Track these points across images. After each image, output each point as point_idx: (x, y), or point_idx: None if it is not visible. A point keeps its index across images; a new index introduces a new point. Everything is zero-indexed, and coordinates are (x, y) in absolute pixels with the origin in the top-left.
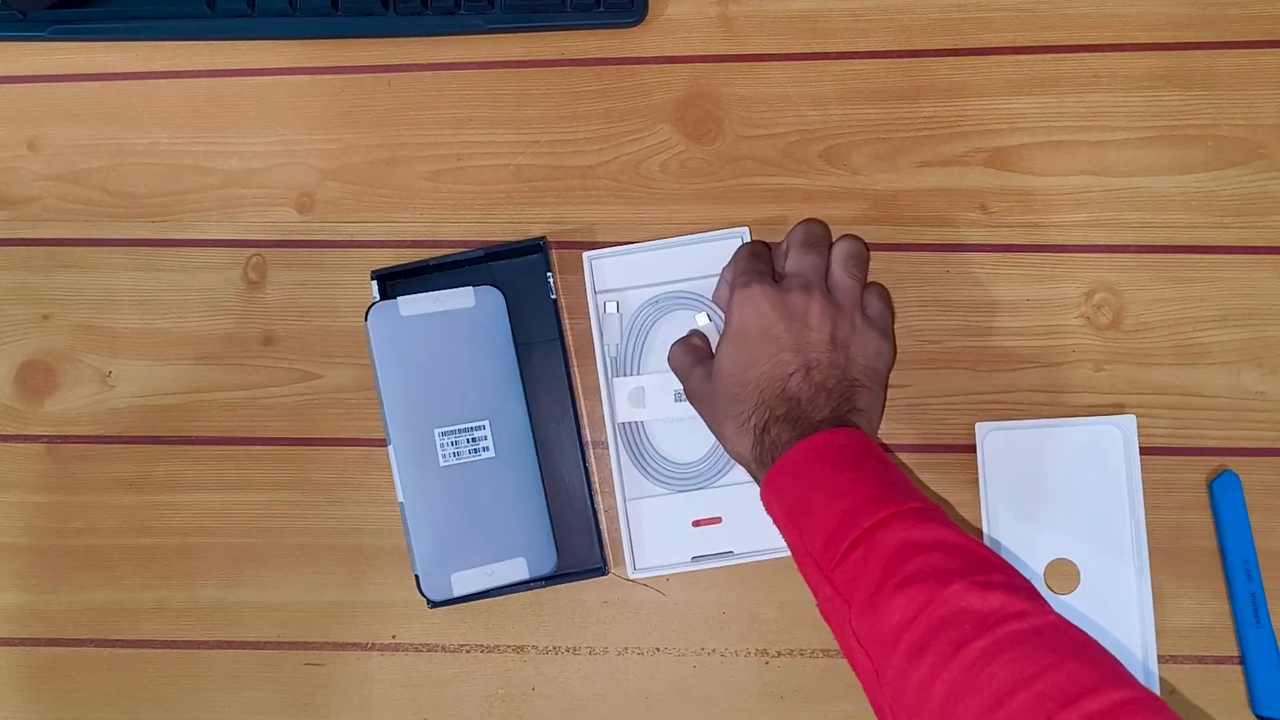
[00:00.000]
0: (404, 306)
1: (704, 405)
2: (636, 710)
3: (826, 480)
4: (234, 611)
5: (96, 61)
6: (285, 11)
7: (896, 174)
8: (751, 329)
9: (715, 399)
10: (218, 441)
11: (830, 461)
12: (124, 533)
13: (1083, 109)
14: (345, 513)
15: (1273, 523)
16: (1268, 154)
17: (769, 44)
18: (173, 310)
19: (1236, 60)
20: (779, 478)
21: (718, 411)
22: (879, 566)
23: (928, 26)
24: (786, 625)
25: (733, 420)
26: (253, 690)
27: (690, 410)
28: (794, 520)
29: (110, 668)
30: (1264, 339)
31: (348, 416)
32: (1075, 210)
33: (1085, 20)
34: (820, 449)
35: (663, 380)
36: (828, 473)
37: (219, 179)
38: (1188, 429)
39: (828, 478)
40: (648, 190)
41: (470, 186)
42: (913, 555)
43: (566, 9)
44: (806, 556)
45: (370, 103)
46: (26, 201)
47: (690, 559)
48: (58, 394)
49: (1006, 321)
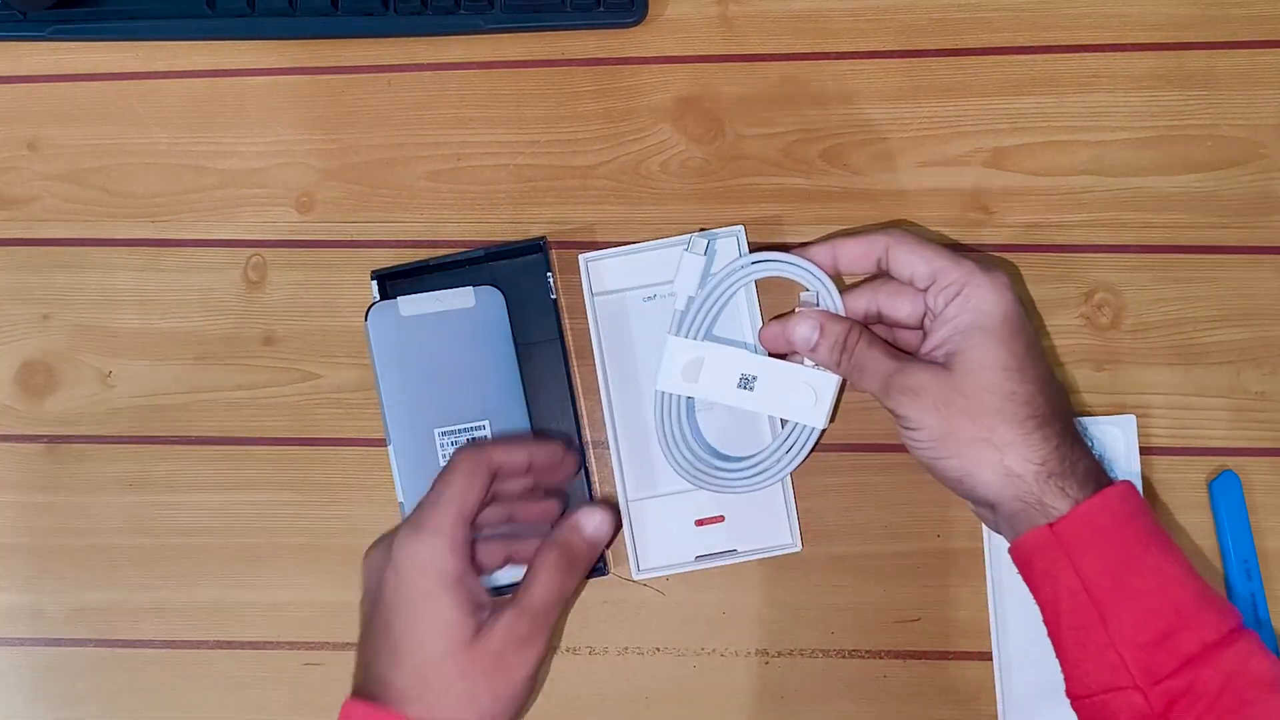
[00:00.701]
0: (404, 306)
1: (943, 406)
2: (637, 710)
3: (1154, 560)
4: (234, 611)
5: (96, 61)
6: (285, 11)
7: (896, 174)
8: (1022, 320)
9: (977, 394)
10: (218, 441)
11: (1154, 534)
12: (124, 533)
13: (1083, 109)
14: (345, 513)
15: (1273, 523)
16: (1268, 154)
17: (769, 44)
18: (173, 310)
19: (1237, 60)
20: (1087, 530)
21: (982, 409)
22: (1231, 700)
23: (928, 26)
24: (787, 625)
25: (1013, 424)
26: (252, 690)
27: (753, 403)
28: (1095, 593)
29: (110, 668)
30: (1264, 339)
31: (348, 416)
32: (1075, 210)
33: (1085, 20)
34: (1140, 509)
35: (730, 357)
36: (1155, 550)
37: (219, 179)
38: (1188, 429)
39: (1155, 556)
40: (648, 190)
41: (470, 186)
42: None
43: (566, 9)
44: (1099, 641)
45: (370, 103)
46: (26, 201)
47: (694, 558)
48: (58, 394)
49: None
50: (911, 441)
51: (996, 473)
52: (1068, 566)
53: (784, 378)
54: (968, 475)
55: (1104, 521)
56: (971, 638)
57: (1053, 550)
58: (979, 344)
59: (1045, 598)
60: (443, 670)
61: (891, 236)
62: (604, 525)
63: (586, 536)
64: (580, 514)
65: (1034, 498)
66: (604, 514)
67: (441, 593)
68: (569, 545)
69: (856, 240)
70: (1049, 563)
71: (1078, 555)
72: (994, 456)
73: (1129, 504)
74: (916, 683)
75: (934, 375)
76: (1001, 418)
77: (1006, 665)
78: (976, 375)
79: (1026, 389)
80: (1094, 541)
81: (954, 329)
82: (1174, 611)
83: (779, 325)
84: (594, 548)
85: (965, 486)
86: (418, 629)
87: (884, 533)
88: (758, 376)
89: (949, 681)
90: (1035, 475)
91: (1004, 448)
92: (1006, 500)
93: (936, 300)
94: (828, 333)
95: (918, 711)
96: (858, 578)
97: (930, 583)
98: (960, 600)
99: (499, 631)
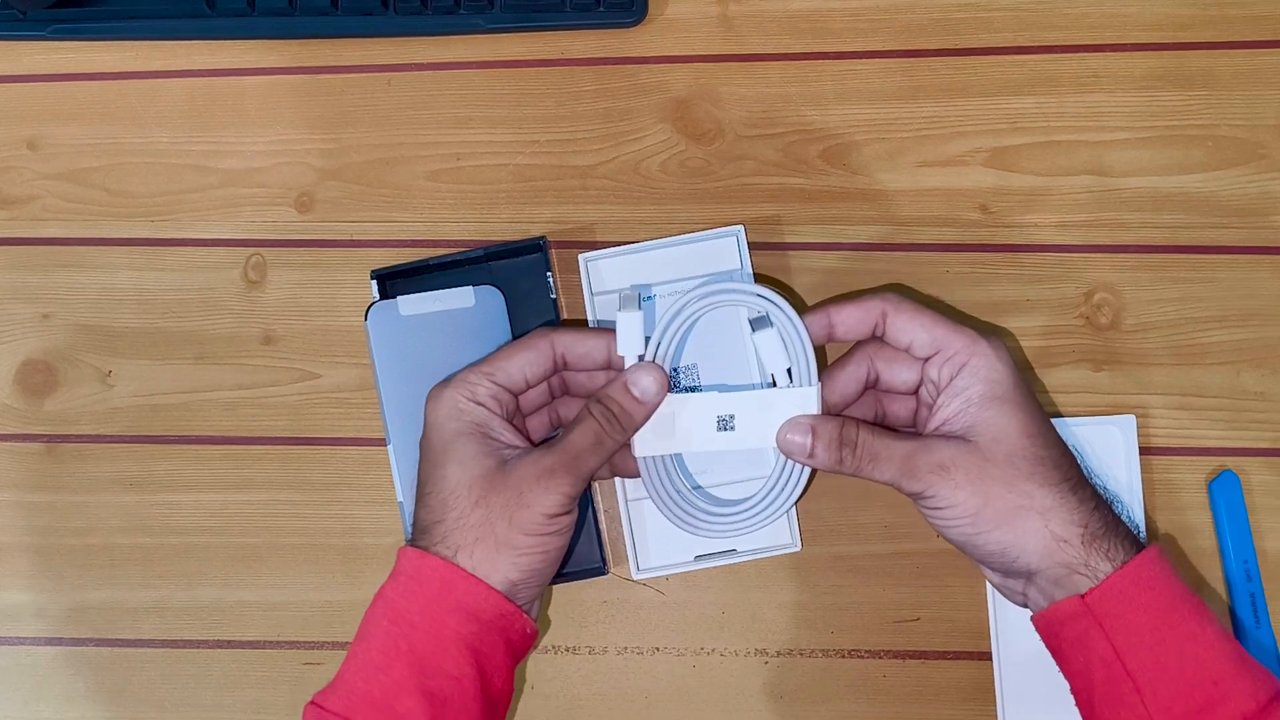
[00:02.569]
0: (404, 306)
1: (976, 479)
2: (636, 710)
3: (1188, 627)
4: (233, 611)
5: (96, 61)
6: (285, 11)
7: (896, 174)
8: (1029, 386)
9: (1008, 462)
10: (217, 441)
11: (1186, 599)
12: (123, 532)
13: (1083, 109)
14: (345, 512)
15: (1272, 523)
16: (1268, 154)
17: (769, 44)
18: (172, 309)
19: (1236, 60)
20: (1120, 599)
21: (1016, 476)
22: None
23: (928, 26)
24: (786, 625)
25: (1050, 489)
26: (252, 690)
27: (739, 442)
28: (1130, 664)
29: (109, 667)
30: (1264, 339)
31: (347, 416)
32: (1075, 210)
33: (1085, 20)
34: (1169, 574)
35: (700, 403)
36: (1189, 617)
37: (219, 178)
38: (1187, 429)
39: (1189, 623)
40: (647, 190)
41: (470, 186)
42: None
43: (566, 9)
44: (1137, 713)
45: (370, 102)
46: (26, 201)
47: (693, 558)
48: (57, 393)
49: (1006, 321)
50: (944, 521)
51: (1042, 540)
52: (1101, 637)
53: (763, 408)
54: (1012, 546)
55: (1136, 590)
56: (971, 638)
57: (1084, 621)
58: (998, 413)
59: (1076, 669)
60: (459, 499)
61: (888, 302)
62: (654, 387)
63: (636, 394)
64: (633, 371)
65: (1080, 562)
66: (657, 376)
67: (460, 437)
68: (615, 400)
69: (852, 307)
70: (1081, 633)
71: (1111, 626)
72: (1039, 524)
73: (1160, 570)
74: (916, 683)
75: (959, 449)
76: (1037, 482)
77: (1006, 665)
78: (1003, 444)
79: (1053, 453)
80: (1127, 611)
81: (967, 400)
82: (1212, 682)
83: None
84: (641, 409)
85: (1008, 559)
86: (441, 470)
87: (884, 533)
88: (735, 414)
89: (948, 681)
90: (1081, 538)
91: (1047, 513)
92: (1050, 568)
93: (940, 371)
94: (821, 434)
95: (917, 711)
96: (857, 578)
97: (930, 583)
98: (960, 600)
99: (521, 465)
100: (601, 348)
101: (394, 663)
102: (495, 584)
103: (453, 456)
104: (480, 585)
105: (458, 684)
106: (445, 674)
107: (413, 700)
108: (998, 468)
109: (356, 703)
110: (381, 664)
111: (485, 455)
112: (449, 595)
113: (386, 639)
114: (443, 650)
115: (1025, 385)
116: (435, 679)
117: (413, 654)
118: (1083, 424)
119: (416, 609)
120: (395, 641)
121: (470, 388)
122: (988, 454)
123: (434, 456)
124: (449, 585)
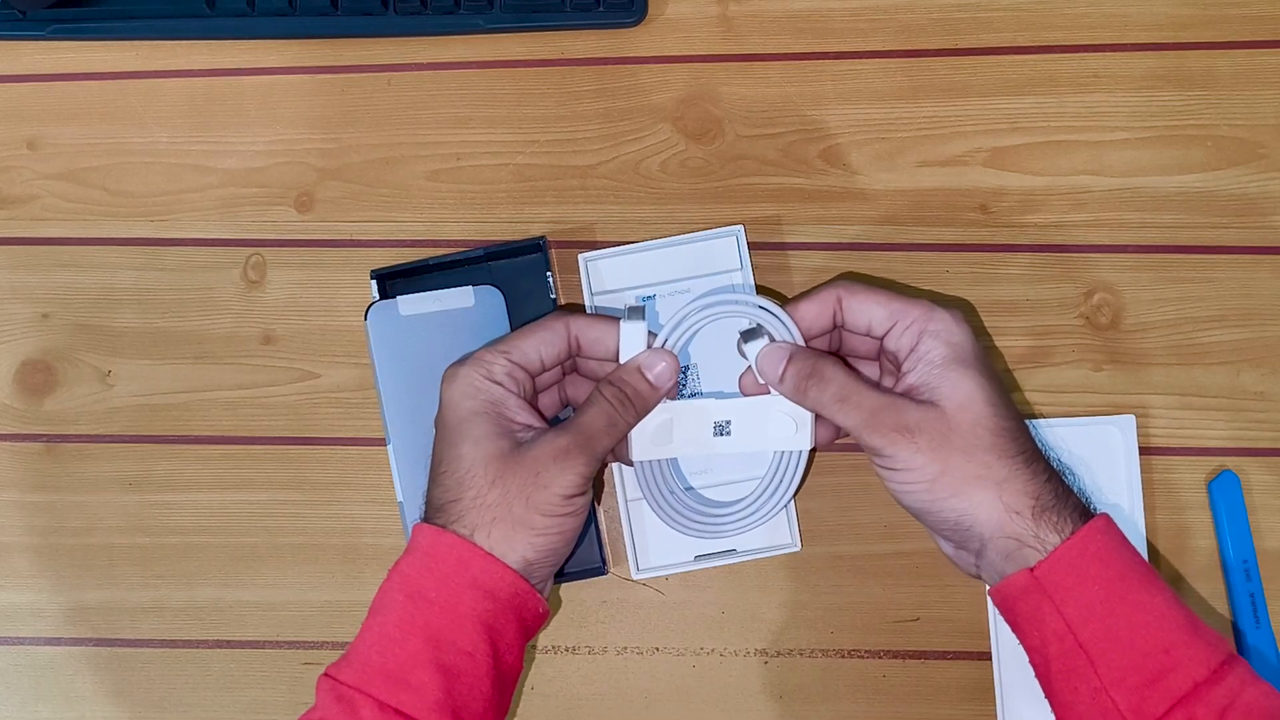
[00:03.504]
0: (403, 306)
1: (938, 445)
2: (636, 710)
3: (1138, 596)
4: (232, 611)
5: (96, 60)
6: (285, 11)
7: (896, 174)
8: (986, 353)
9: (970, 430)
10: (217, 441)
11: (1136, 567)
12: (123, 532)
13: (1082, 109)
14: (344, 512)
15: (1272, 523)
16: (1267, 154)
17: (769, 44)
18: (172, 309)
19: (1236, 60)
20: (1069, 572)
21: (977, 445)
22: None
23: (927, 26)
24: (786, 625)
25: (1007, 460)
26: (251, 690)
27: (735, 446)
28: (1082, 636)
29: (109, 667)
30: (1263, 339)
31: (347, 416)
32: (1075, 210)
33: (1085, 20)
34: (1119, 542)
35: (697, 410)
36: (1138, 585)
37: (218, 178)
38: (1187, 429)
39: (1139, 592)
40: (647, 190)
41: (470, 186)
42: None
43: (566, 9)
44: (1091, 685)
45: (370, 102)
46: (26, 200)
47: (693, 558)
48: (57, 393)
49: (1006, 321)
50: (900, 485)
51: (995, 510)
52: (1052, 611)
53: (758, 414)
54: (965, 515)
55: (1085, 562)
56: (970, 637)
57: (1035, 595)
58: (961, 378)
59: (1032, 643)
60: (475, 478)
61: (841, 288)
62: (667, 372)
63: (650, 378)
64: (645, 356)
65: (1030, 535)
66: (670, 362)
67: (475, 416)
68: (628, 383)
69: (808, 302)
70: (1033, 607)
71: (1061, 599)
72: (993, 494)
73: (1108, 539)
74: (915, 683)
75: (926, 413)
76: (996, 454)
77: (1005, 665)
78: (967, 411)
79: (1012, 425)
80: (1077, 584)
81: (930, 364)
82: (1163, 650)
83: (749, 375)
84: (654, 393)
85: (961, 528)
86: (457, 449)
87: (883, 533)
88: (731, 420)
89: (948, 681)
90: (1032, 511)
91: (1001, 484)
92: (1000, 539)
93: (900, 341)
94: (796, 361)
95: (917, 711)
96: (857, 578)
97: (929, 582)
98: (959, 600)
99: (537, 446)
100: (614, 334)
101: (409, 636)
102: (512, 563)
103: (468, 435)
104: (497, 564)
105: (471, 659)
106: (459, 649)
107: (427, 674)
108: (960, 436)
109: (372, 675)
110: (397, 637)
111: (500, 435)
112: (465, 573)
113: (402, 613)
114: (458, 626)
115: (985, 353)
116: (449, 654)
117: (428, 629)
118: (1083, 424)
119: (432, 585)
120: (411, 616)
121: (487, 366)
122: (952, 421)
123: (449, 435)
124: (465, 563)
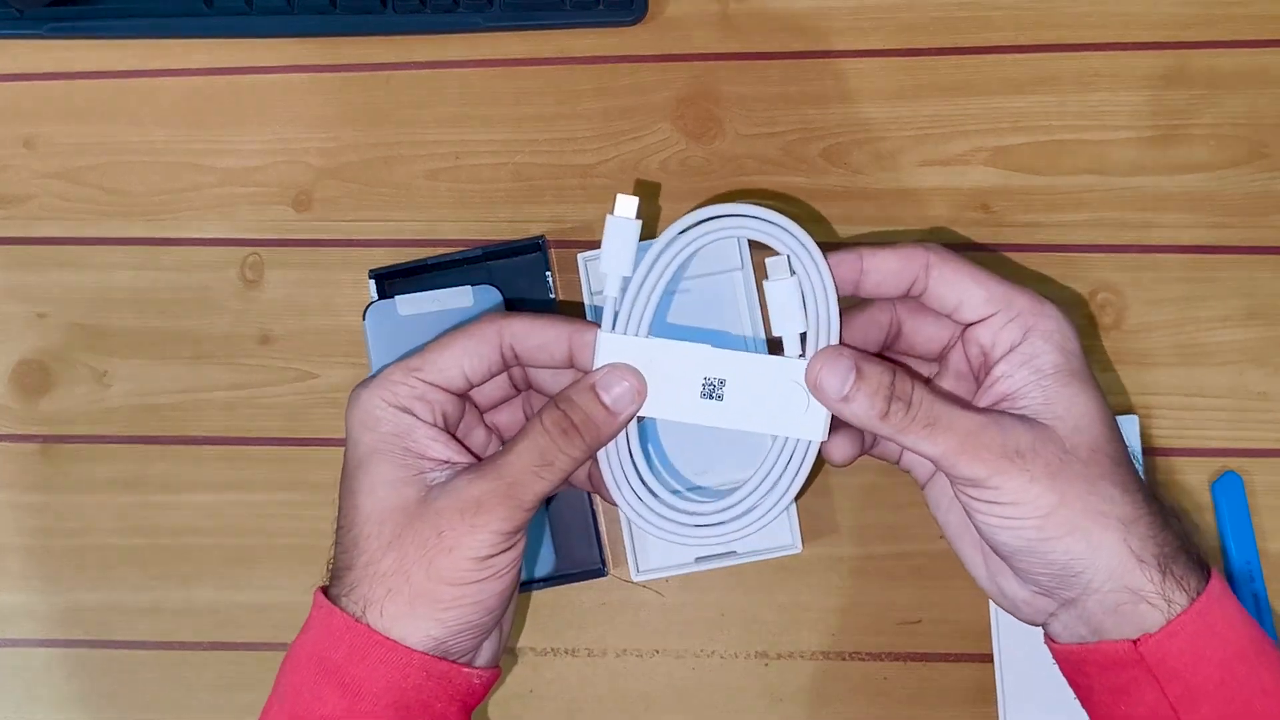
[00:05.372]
0: (402, 306)
1: (1056, 473)
2: (635, 712)
3: (1259, 680)
4: (229, 613)
5: (93, 59)
6: (283, 9)
7: (897, 173)
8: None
9: (1089, 456)
10: (214, 441)
11: (1256, 642)
12: (119, 533)
13: (1084, 108)
14: None
15: (1275, 524)
16: (1270, 153)
17: (769, 42)
18: (169, 309)
19: (1239, 60)
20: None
21: (1099, 475)
22: None
23: (929, 25)
24: (786, 627)
25: (1129, 496)
26: (248, 692)
27: (724, 419)
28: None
29: (104, 669)
30: (1267, 339)
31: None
32: (1077, 210)
33: (1087, 19)
34: (1237, 611)
35: (686, 355)
36: (1261, 667)
37: (216, 177)
38: (1190, 430)
39: (1260, 676)
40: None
41: (469, 185)
42: None
43: (566, 7)
44: None
45: (368, 101)
46: (22, 199)
47: (693, 560)
48: (53, 393)
49: None
50: (1002, 521)
51: (1119, 555)
52: (1154, 691)
53: (763, 376)
54: (1079, 559)
55: (1203, 640)
56: (973, 640)
57: (1134, 670)
58: (1079, 393)
59: (1114, 714)
60: (369, 539)
61: (934, 252)
62: (629, 395)
63: (606, 402)
64: (604, 373)
65: (1154, 590)
66: (634, 382)
67: (372, 455)
68: (578, 407)
69: (889, 252)
70: (1125, 682)
71: (1167, 678)
72: (1118, 536)
73: (1226, 608)
74: (917, 685)
75: (1038, 433)
76: (1121, 487)
77: (1008, 667)
78: (1086, 433)
79: (1127, 453)
80: (1194, 662)
81: (1037, 372)
82: None
83: None
84: (611, 421)
85: (1068, 573)
86: (353, 499)
87: (885, 534)
88: (726, 380)
89: (950, 684)
90: (1158, 560)
91: (1129, 525)
92: (1113, 591)
93: (1000, 335)
94: (869, 376)
95: (919, 714)
96: (859, 579)
97: (932, 584)
98: (962, 602)
99: (443, 497)
100: (561, 340)
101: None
102: (415, 645)
103: (363, 483)
104: (397, 650)
105: None
106: None
107: None
108: (1080, 463)
109: None
110: None
111: (402, 482)
112: (362, 662)
113: (298, 706)
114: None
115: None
116: None
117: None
118: None
119: (332, 669)
120: (310, 707)
121: (391, 388)
122: (1069, 444)
123: (346, 481)
124: (358, 651)
